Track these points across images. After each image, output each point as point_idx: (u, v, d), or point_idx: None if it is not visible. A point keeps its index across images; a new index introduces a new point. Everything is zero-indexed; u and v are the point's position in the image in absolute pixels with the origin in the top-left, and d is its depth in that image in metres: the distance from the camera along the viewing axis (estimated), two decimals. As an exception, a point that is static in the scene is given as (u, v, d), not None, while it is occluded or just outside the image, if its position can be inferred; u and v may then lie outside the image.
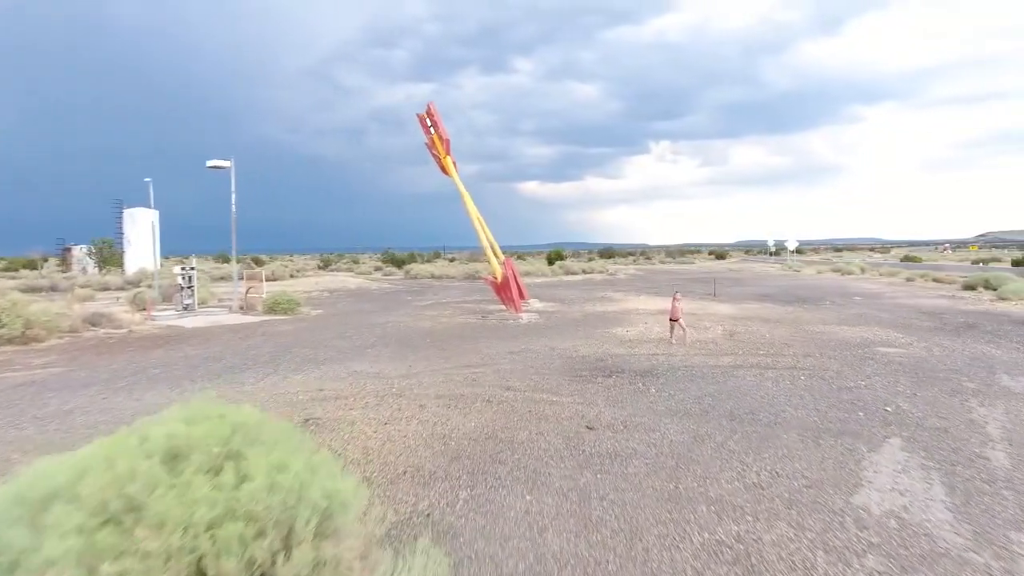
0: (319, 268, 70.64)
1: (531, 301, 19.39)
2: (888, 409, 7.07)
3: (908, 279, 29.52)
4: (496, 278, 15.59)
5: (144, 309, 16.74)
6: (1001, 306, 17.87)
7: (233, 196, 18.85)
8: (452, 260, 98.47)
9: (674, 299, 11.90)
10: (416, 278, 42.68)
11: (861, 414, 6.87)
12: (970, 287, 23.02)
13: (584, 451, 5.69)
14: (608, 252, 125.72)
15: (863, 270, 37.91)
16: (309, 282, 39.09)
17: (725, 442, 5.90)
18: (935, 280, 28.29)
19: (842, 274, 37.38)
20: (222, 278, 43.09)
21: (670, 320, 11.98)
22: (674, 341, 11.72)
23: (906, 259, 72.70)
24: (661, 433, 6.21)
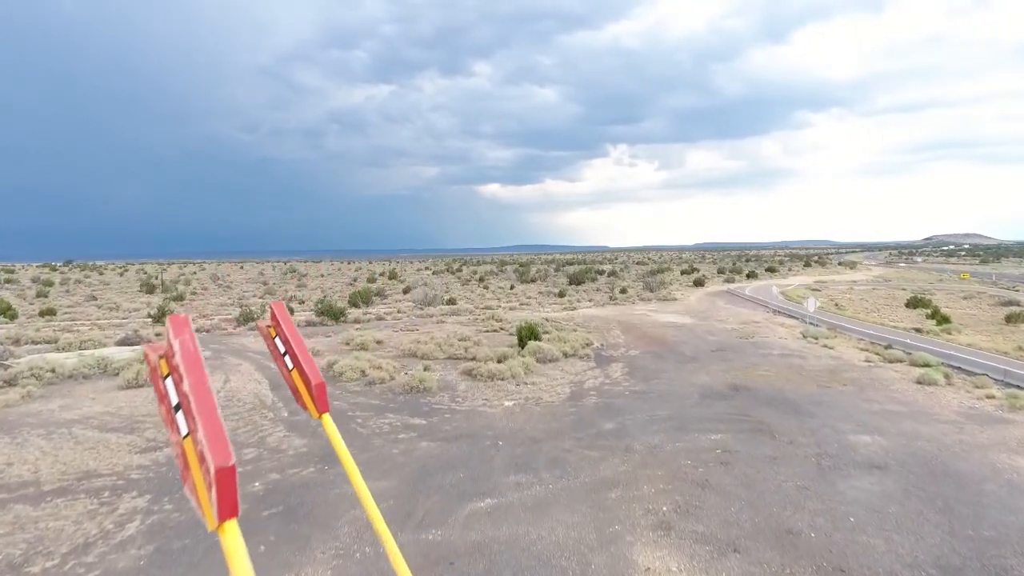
0: (237, 323, 58.07)
1: None
2: None
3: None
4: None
5: None
6: None
7: None
8: (406, 291, 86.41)
9: None
10: (340, 377, 30.76)
11: None
12: None
13: None
14: (576, 275, 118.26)
15: (948, 378, 28.63)
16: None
17: None
18: None
19: (920, 383, 28.03)
20: (107, 377, 29.80)
21: None
22: None
23: (914, 303, 65.27)
24: None
